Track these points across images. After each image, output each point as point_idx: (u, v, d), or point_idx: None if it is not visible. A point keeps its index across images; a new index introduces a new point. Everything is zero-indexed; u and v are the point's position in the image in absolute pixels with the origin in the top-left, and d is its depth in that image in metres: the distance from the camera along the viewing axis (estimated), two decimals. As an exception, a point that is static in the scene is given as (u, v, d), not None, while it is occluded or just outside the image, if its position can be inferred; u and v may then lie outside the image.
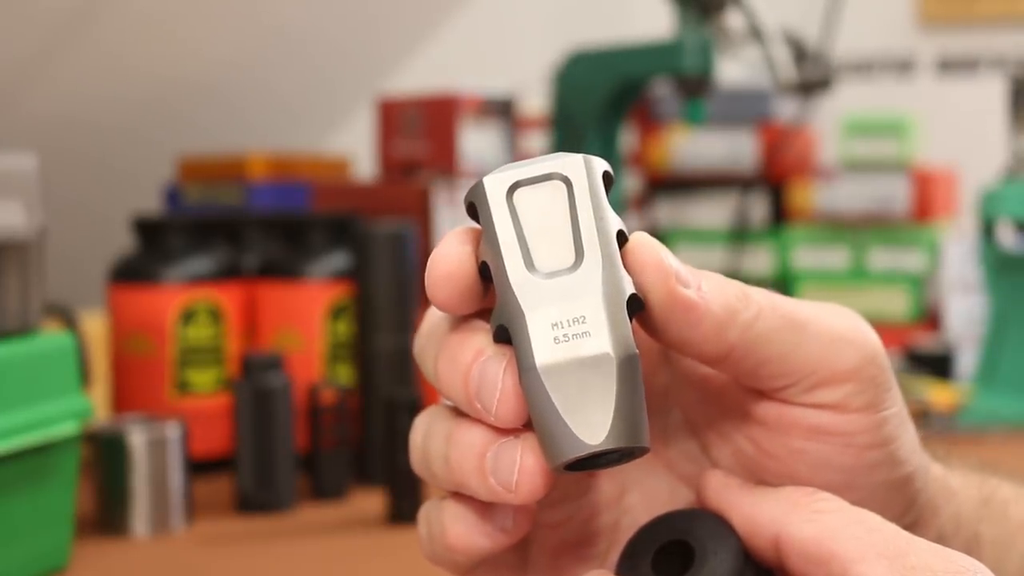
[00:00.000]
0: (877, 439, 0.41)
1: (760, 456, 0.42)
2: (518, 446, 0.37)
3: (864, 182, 1.59)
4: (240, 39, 1.61)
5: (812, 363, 0.40)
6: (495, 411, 0.37)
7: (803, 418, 0.40)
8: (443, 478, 0.39)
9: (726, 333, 0.38)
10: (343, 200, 1.26)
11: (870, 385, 0.40)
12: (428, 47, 2.02)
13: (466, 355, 0.38)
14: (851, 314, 0.41)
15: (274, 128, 1.82)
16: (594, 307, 0.36)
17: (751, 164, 1.67)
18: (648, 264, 0.38)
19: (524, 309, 0.36)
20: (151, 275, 1.05)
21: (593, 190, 0.38)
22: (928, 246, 1.56)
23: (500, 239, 0.37)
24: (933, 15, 1.88)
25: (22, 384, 0.76)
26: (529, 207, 0.38)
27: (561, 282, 0.37)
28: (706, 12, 1.30)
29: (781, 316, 0.39)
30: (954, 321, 1.47)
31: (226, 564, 0.84)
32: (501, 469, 0.37)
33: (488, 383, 0.37)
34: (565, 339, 0.36)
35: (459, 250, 0.38)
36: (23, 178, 0.79)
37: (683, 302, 0.38)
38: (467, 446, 0.38)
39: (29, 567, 0.78)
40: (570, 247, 0.37)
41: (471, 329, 0.39)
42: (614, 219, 0.38)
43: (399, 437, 0.91)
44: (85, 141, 1.53)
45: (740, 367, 0.40)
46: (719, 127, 1.69)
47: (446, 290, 0.38)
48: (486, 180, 0.38)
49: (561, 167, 0.38)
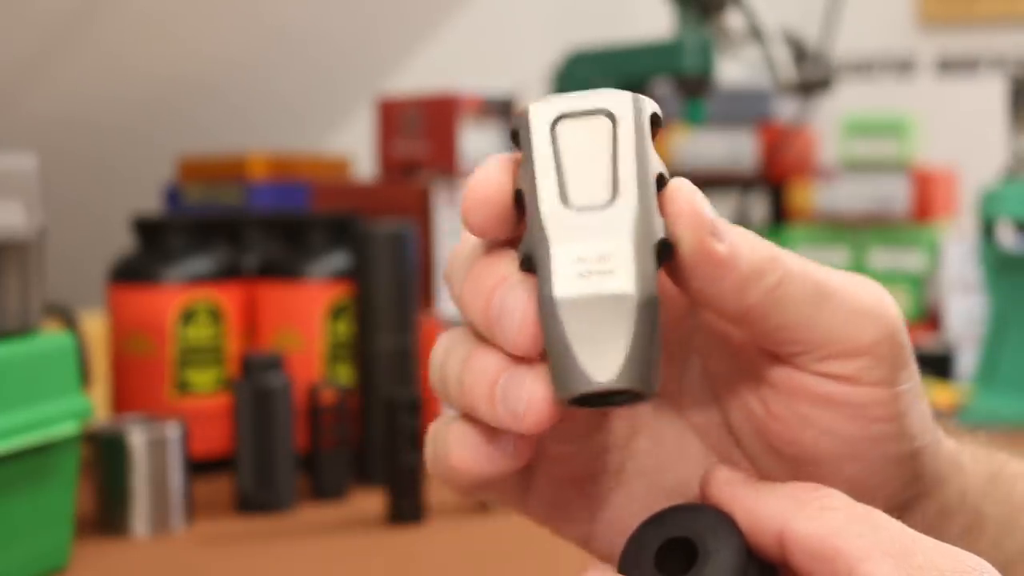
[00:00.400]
0: (887, 413, 0.40)
1: (768, 418, 0.42)
2: (529, 375, 0.37)
3: (864, 182, 1.59)
4: (240, 39, 1.61)
5: (830, 334, 0.39)
6: (512, 338, 0.37)
7: (814, 386, 0.40)
8: (456, 399, 0.39)
9: (748, 292, 0.38)
10: (343, 200, 1.26)
11: (886, 361, 0.40)
12: (428, 47, 2.02)
13: (490, 280, 0.38)
14: (877, 288, 0.41)
15: (274, 128, 1.82)
16: (622, 247, 0.36)
17: (751, 164, 1.67)
18: (684, 211, 0.37)
19: (551, 240, 0.36)
20: (151, 275, 1.05)
21: (638, 130, 0.37)
22: (928, 246, 1.56)
23: (537, 168, 0.37)
24: (933, 15, 1.88)
25: (22, 384, 0.76)
26: (571, 140, 0.37)
27: (593, 217, 0.36)
28: (706, 12, 1.30)
29: (806, 284, 0.39)
30: (954, 321, 1.47)
31: (226, 564, 0.84)
32: (510, 397, 0.37)
33: (508, 309, 0.37)
34: (588, 274, 0.36)
35: (497, 175, 0.38)
36: (23, 178, 0.79)
37: (712, 255, 0.37)
38: (481, 371, 0.38)
39: (29, 567, 0.78)
40: (607, 184, 0.37)
41: (500, 255, 0.38)
42: (656, 162, 0.38)
43: (399, 437, 0.91)
44: (85, 141, 1.53)
45: (757, 328, 0.39)
46: (719, 127, 1.69)
47: (481, 214, 0.38)
48: (532, 108, 0.38)
49: (609, 103, 0.38)
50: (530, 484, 0.44)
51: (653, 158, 0.38)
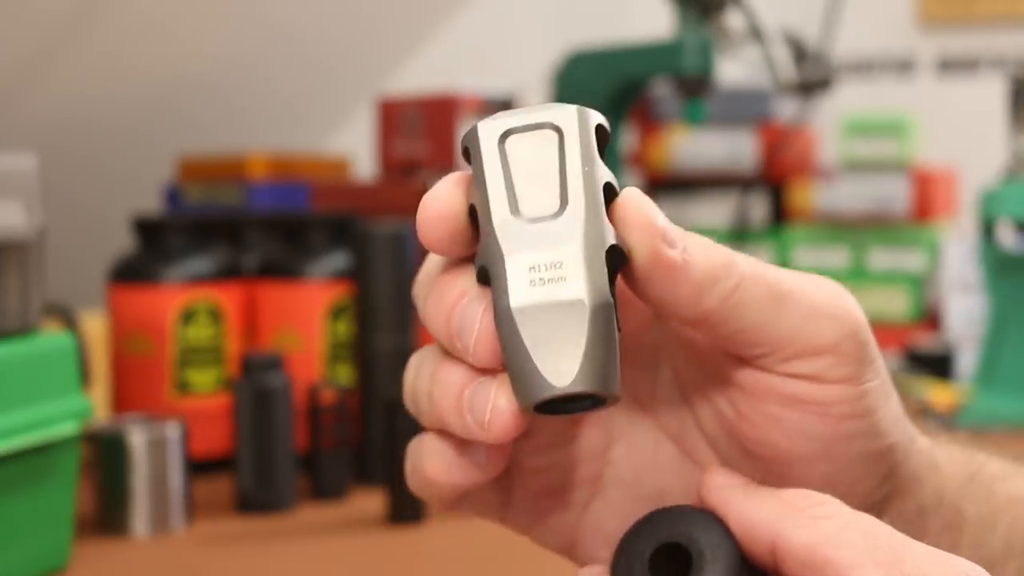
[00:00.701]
0: (856, 410, 0.41)
1: (739, 421, 0.42)
2: (493, 386, 0.38)
3: (864, 182, 1.59)
4: (240, 39, 1.61)
5: (789, 335, 0.40)
6: (472, 350, 0.38)
7: (780, 386, 0.41)
8: (427, 414, 0.40)
9: (704, 298, 0.39)
10: (343, 200, 1.26)
11: (849, 359, 0.40)
12: (428, 47, 2.02)
13: (451, 295, 0.39)
14: (835, 287, 0.41)
15: (274, 128, 1.82)
16: (573, 254, 0.37)
17: (751, 164, 1.67)
18: (635, 220, 0.38)
19: (504, 251, 0.37)
20: (151, 275, 1.05)
21: (584, 141, 0.38)
22: (928, 246, 1.56)
23: (488, 182, 0.38)
24: (933, 15, 1.88)
25: (22, 384, 0.76)
26: (519, 154, 0.38)
27: (543, 227, 0.37)
28: (706, 12, 1.30)
29: (763, 287, 0.39)
30: (954, 321, 1.47)
31: (226, 564, 0.84)
32: (476, 407, 0.38)
33: (468, 323, 0.38)
34: (541, 282, 0.37)
35: (450, 192, 0.39)
36: (23, 178, 0.79)
37: (666, 262, 0.38)
38: (448, 384, 0.39)
39: (29, 567, 0.78)
40: (556, 194, 0.38)
41: (459, 272, 0.39)
42: (603, 171, 0.38)
43: (399, 437, 0.91)
44: (85, 141, 1.53)
45: (717, 332, 0.40)
46: (719, 127, 1.69)
47: (436, 231, 0.39)
48: (480, 125, 0.39)
49: (554, 117, 0.39)
50: (508, 496, 0.44)
51: (600, 168, 0.38)
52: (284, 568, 0.83)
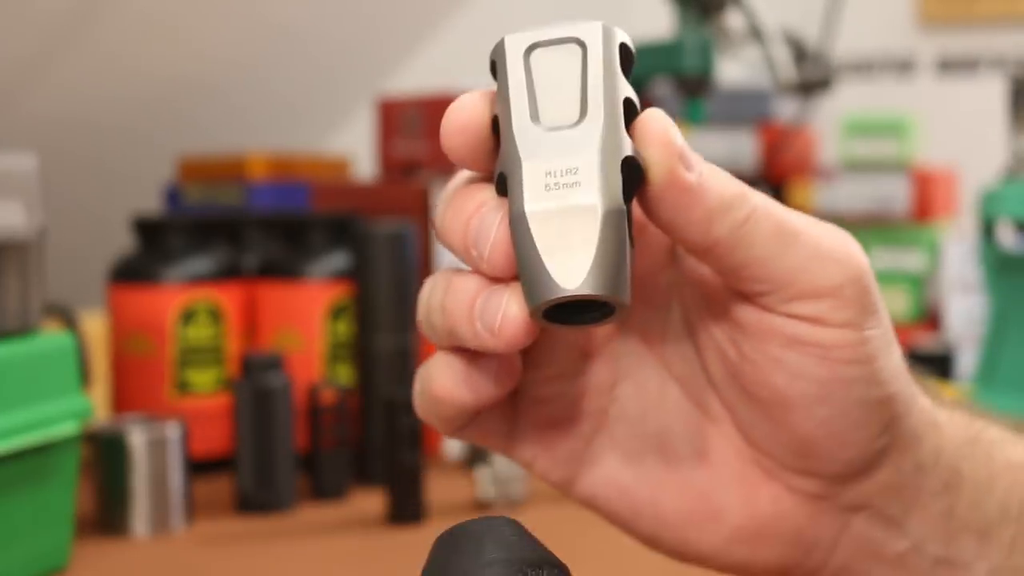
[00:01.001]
0: (855, 355, 0.41)
1: (741, 361, 0.42)
2: (505, 293, 0.38)
3: (864, 182, 1.59)
4: (240, 39, 1.61)
5: (793, 274, 0.40)
6: (487, 257, 0.38)
7: (782, 327, 0.41)
8: (440, 328, 0.40)
9: (714, 225, 0.39)
10: (343, 200, 1.26)
11: (851, 304, 0.41)
12: (428, 47, 2.02)
13: (469, 206, 0.39)
14: (843, 234, 0.42)
15: (274, 128, 1.82)
16: (588, 161, 0.37)
17: (751, 164, 1.67)
18: (655, 138, 0.38)
19: (522, 157, 0.38)
20: (151, 275, 1.05)
21: (607, 56, 0.39)
22: (928, 246, 1.56)
23: (510, 91, 0.39)
24: (933, 15, 1.88)
25: (22, 384, 0.76)
26: (543, 66, 0.39)
27: (562, 135, 0.38)
28: (706, 12, 1.30)
29: (773, 222, 0.40)
30: (954, 321, 1.47)
31: (226, 564, 0.84)
32: (487, 313, 0.38)
33: (484, 231, 0.39)
34: (556, 187, 0.37)
35: (474, 103, 0.39)
36: (23, 178, 0.79)
37: (680, 182, 0.39)
38: (461, 292, 0.39)
39: (29, 567, 0.78)
40: (576, 105, 0.38)
41: (478, 186, 0.40)
42: (624, 86, 0.39)
43: (399, 437, 0.91)
44: (85, 141, 1.53)
45: (722, 263, 0.40)
46: (719, 127, 1.69)
47: (459, 139, 0.39)
48: (507, 38, 0.40)
49: (579, 32, 0.39)
50: (514, 425, 0.45)
51: (621, 82, 0.39)
52: (284, 568, 0.83)
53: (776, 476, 0.44)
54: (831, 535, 0.45)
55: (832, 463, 0.43)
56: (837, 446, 0.42)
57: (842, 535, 0.45)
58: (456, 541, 0.38)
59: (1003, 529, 0.46)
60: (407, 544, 0.88)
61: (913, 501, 0.45)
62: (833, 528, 0.45)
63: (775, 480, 0.44)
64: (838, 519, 0.45)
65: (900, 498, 0.45)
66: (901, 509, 0.45)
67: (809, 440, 0.43)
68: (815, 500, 0.44)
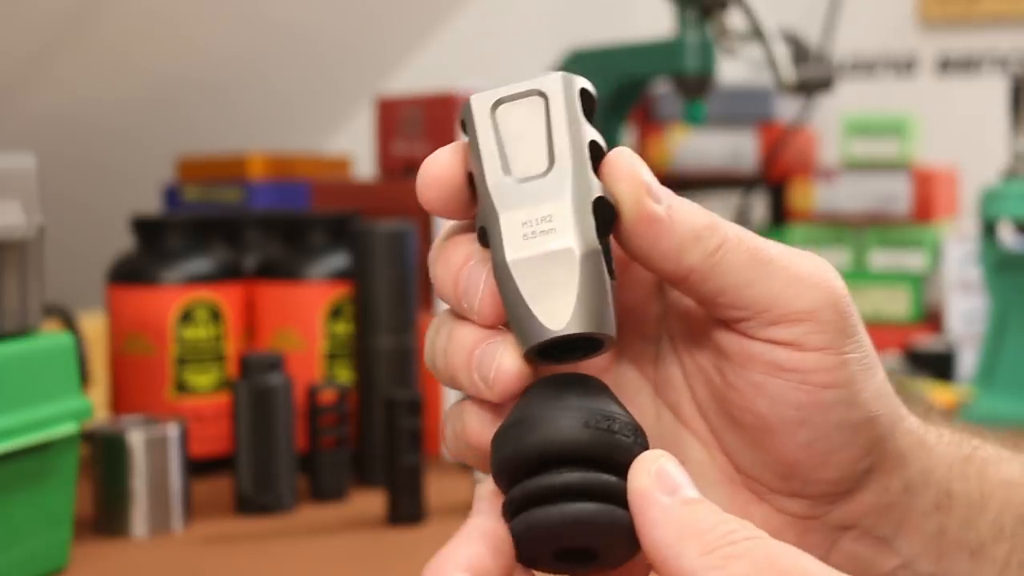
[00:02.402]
0: (835, 379, 0.42)
1: (725, 388, 0.44)
2: (501, 346, 0.40)
3: (865, 182, 1.59)
4: (240, 39, 1.61)
5: (769, 299, 0.42)
6: (477, 309, 0.40)
7: (761, 353, 0.42)
8: (443, 372, 0.42)
9: (686, 255, 0.41)
10: (343, 200, 1.26)
11: (828, 327, 0.42)
12: (428, 47, 2.01)
13: (457, 260, 0.41)
14: (818, 260, 0.43)
15: (274, 128, 1.82)
16: (561, 208, 0.39)
17: (751, 164, 1.66)
18: (622, 173, 0.40)
19: (498, 210, 0.40)
20: (150, 275, 1.05)
21: (568, 104, 0.41)
22: (929, 246, 1.56)
23: (481, 148, 0.41)
24: (933, 15, 1.88)
25: (22, 384, 0.76)
26: (509, 120, 0.41)
27: (533, 186, 0.40)
28: (707, 12, 1.29)
29: (745, 250, 0.41)
30: (954, 321, 1.47)
31: (226, 564, 0.84)
32: (483, 365, 0.40)
33: (473, 283, 0.41)
34: (533, 236, 0.39)
35: (448, 157, 0.41)
36: (22, 178, 0.79)
37: (649, 215, 0.40)
38: (460, 342, 0.41)
39: (29, 567, 0.78)
40: (544, 155, 0.40)
41: (464, 238, 0.42)
42: (588, 131, 0.41)
43: (399, 437, 0.91)
44: (85, 141, 1.53)
45: (699, 291, 0.42)
46: (719, 127, 1.68)
47: (433, 190, 0.42)
48: (473, 98, 0.42)
49: (540, 84, 0.41)
50: None
51: (585, 127, 0.41)
52: (284, 568, 0.83)
53: (764, 498, 0.45)
54: (820, 554, 0.45)
55: (817, 484, 0.44)
56: (820, 468, 0.43)
57: (831, 554, 0.46)
58: (538, 387, 0.40)
59: (997, 547, 0.47)
60: (407, 544, 0.88)
61: (903, 521, 0.46)
62: (823, 547, 0.45)
63: (764, 502, 0.45)
64: (827, 538, 0.45)
65: (889, 518, 0.45)
66: (891, 528, 0.46)
67: (793, 463, 0.44)
68: (803, 520, 0.45)
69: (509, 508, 0.39)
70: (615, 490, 0.38)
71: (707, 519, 0.37)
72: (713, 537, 0.37)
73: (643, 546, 0.37)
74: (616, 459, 0.38)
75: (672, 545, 0.37)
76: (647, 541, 0.37)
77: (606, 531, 0.38)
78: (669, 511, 0.37)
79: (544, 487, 0.38)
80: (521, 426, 0.39)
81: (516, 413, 0.40)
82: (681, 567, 0.36)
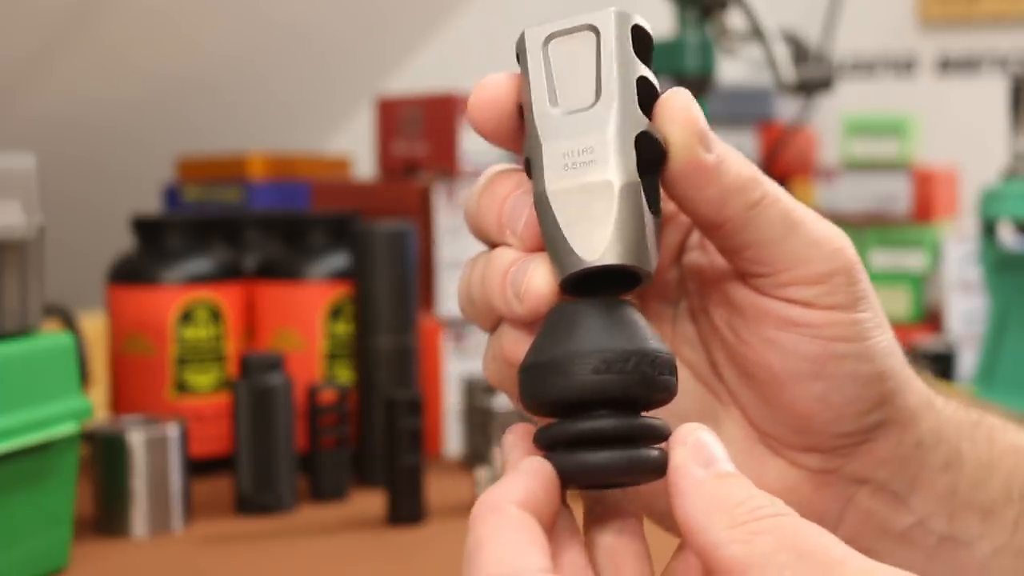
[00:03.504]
0: (846, 333, 0.43)
1: (739, 344, 0.45)
2: (533, 262, 0.41)
3: (865, 182, 1.59)
4: (240, 38, 1.61)
5: (792, 259, 0.43)
6: (520, 233, 0.41)
7: (776, 309, 0.44)
8: (479, 300, 0.42)
9: (727, 205, 0.42)
10: (343, 200, 1.26)
11: (840, 290, 0.43)
12: (428, 47, 2.01)
13: (503, 190, 0.42)
14: (837, 230, 0.44)
15: (274, 128, 1.82)
16: (602, 140, 0.40)
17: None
18: (678, 116, 0.41)
19: (542, 140, 0.40)
20: (150, 275, 1.05)
21: (620, 40, 0.41)
22: (929, 246, 1.56)
23: (531, 80, 0.41)
24: (933, 15, 1.88)
25: (22, 384, 0.76)
26: (561, 54, 0.41)
27: (578, 118, 0.40)
28: (707, 12, 1.29)
29: (780, 208, 0.43)
30: (954, 321, 1.47)
31: (226, 564, 0.84)
32: (516, 280, 0.41)
33: (517, 210, 0.41)
34: (574, 167, 0.40)
35: (501, 81, 0.42)
36: (22, 178, 0.79)
37: (700, 162, 0.41)
38: (497, 262, 0.41)
39: (29, 567, 0.78)
40: (591, 88, 0.41)
41: (511, 173, 0.43)
42: (638, 67, 0.41)
43: (399, 437, 0.91)
44: (85, 141, 1.53)
45: (729, 241, 0.43)
46: (719, 127, 1.68)
47: (483, 112, 0.42)
48: (527, 31, 0.42)
49: (593, 19, 0.42)
50: None
51: (634, 63, 0.41)
52: (284, 568, 0.83)
53: (780, 453, 0.46)
54: (837, 508, 0.46)
55: (829, 437, 0.45)
56: (834, 421, 0.44)
57: (847, 509, 0.46)
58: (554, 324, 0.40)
59: (1006, 509, 0.48)
60: (407, 544, 0.88)
61: (916, 477, 0.46)
62: (839, 501, 0.46)
63: (780, 456, 0.46)
64: (843, 493, 0.46)
65: (903, 473, 0.46)
66: (904, 485, 0.46)
67: (806, 416, 0.44)
68: (819, 474, 0.46)
69: (545, 441, 0.40)
70: (649, 431, 0.39)
71: (736, 494, 0.37)
72: (741, 512, 0.37)
73: (675, 516, 0.38)
74: (640, 397, 0.39)
75: (700, 518, 0.37)
76: (678, 512, 0.38)
77: (648, 471, 0.39)
78: (702, 484, 0.38)
79: (585, 431, 0.39)
80: (543, 369, 0.39)
81: (541, 342, 0.40)
82: (707, 540, 0.37)
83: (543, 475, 0.39)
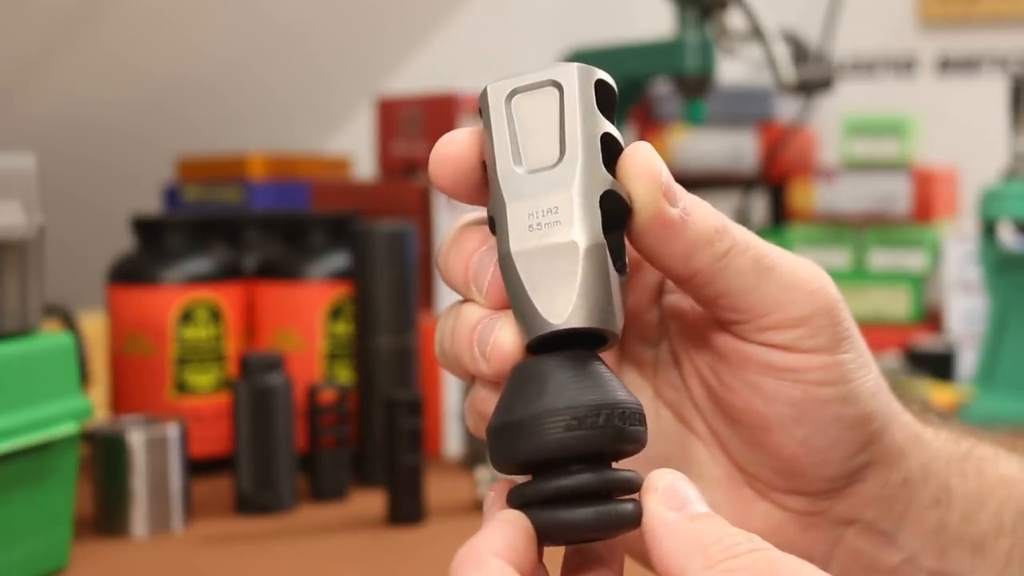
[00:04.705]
0: (829, 377, 0.43)
1: (722, 388, 0.45)
2: (499, 323, 0.40)
3: (865, 182, 1.59)
4: (240, 39, 1.61)
5: (768, 305, 0.43)
6: (485, 293, 0.41)
7: (757, 354, 0.43)
8: (449, 353, 0.42)
9: (695, 258, 0.41)
10: (343, 200, 1.26)
11: (822, 332, 0.43)
12: (428, 47, 2.01)
13: (470, 246, 0.42)
14: (814, 267, 0.44)
15: (274, 128, 1.82)
16: (567, 200, 0.39)
17: (751, 164, 1.66)
18: (640, 172, 0.40)
19: (506, 200, 0.40)
20: (150, 275, 1.05)
21: (583, 96, 0.40)
22: (929, 246, 1.56)
23: (493, 137, 0.40)
24: (933, 15, 1.88)
25: (22, 384, 0.76)
26: (524, 111, 0.41)
27: (542, 177, 0.40)
28: (707, 12, 1.29)
29: (750, 256, 0.42)
30: (954, 321, 1.47)
31: (226, 564, 0.84)
32: (482, 339, 0.40)
33: (482, 269, 0.41)
34: (538, 227, 0.39)
35: (463, 138, 0.41)
36: (22, 178, 0.79)
37: (664, 217, 0.40)
38: (465, 319, 0.41)
39: (29, 567, 0.78)
40: (555, 146, 0.40)
41: (477, 228, 0.42)
42: (602, 123, 0.41)
43: (399, 437, 0.91)
44: (85, 141, 1.53)
45: (701, 292, 0.43)
46: (719, 127, 1.68)
47: (446, 168, 0.41)
48: (489, 86, 0.41)
49: (556, 74, 0.41)
50: None
51: (598, 120, 0.41)
52: (284, 568, 0.83)
53: (766, 495, 0.46)
54: (825, 548, 0.46)
55: (815, 481, 0.45)
56: (818, 464, 0.44)
57: (835, 549, 0.46)
58: (521, 382, 0.39)
59: (998, 542, 0.47)
60: (407, 544, 0.88)
61: (904, 515, 0.46)
62: (826, 542, 0.46)
63: (765, 499, 0.46)
64: (831, 533, 0.46)
65: (890, 512, 0.46)
66: (892, 523, 0.46)
67: (791, 460, 0.44)
68: (806, 516, 0.46)
69: (520, 500, 0.39)
70: (622, 484, 0.39)
71: (711, 532, 0.37)
72: (717, 550, 0.37)
73: (652, 561, 0.38)
74: (611, 451, 0.39)
75: (678, 560, 0.37)
76: (655, 557, 0.38)
77: (624, 525, 0.39)
78: (675, 527, 0.38)
79: (562, 489, 0.38)
80: (514, 429, 0.39)
81: (508, 401, 0.39)
82: None
83: (522, 528, 0.38)
